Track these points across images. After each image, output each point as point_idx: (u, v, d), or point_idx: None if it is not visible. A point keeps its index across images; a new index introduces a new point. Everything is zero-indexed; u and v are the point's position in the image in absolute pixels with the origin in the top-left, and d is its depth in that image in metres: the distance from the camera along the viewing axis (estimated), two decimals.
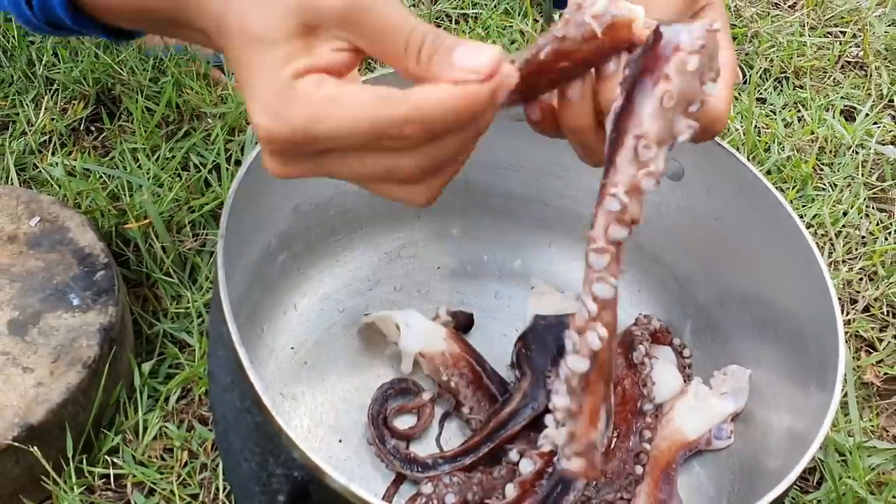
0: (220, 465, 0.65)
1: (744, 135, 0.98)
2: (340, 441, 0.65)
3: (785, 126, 1.02)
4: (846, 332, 0.82)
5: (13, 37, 0.98)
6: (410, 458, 0.63)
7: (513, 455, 0.61)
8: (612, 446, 0.63)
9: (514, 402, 0.64)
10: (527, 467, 0.59)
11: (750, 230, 0.67)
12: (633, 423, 0.64)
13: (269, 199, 0.65)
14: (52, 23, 0.52)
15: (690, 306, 0.73)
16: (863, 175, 0.96)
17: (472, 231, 0.79)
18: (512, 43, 1.08)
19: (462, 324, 0.74)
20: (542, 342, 0.69)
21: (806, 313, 0.62)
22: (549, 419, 0.63)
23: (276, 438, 0.46)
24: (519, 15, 1.12)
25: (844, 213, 0.92)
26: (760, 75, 1.09)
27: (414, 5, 1.14)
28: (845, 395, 0.74)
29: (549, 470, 0.59)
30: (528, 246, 0.79)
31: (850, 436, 0.72)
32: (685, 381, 0.69)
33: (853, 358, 0.79)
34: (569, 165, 0.74)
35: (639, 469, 0.63)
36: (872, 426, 0.75)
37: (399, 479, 0.63)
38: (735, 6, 1.20)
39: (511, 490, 0.58)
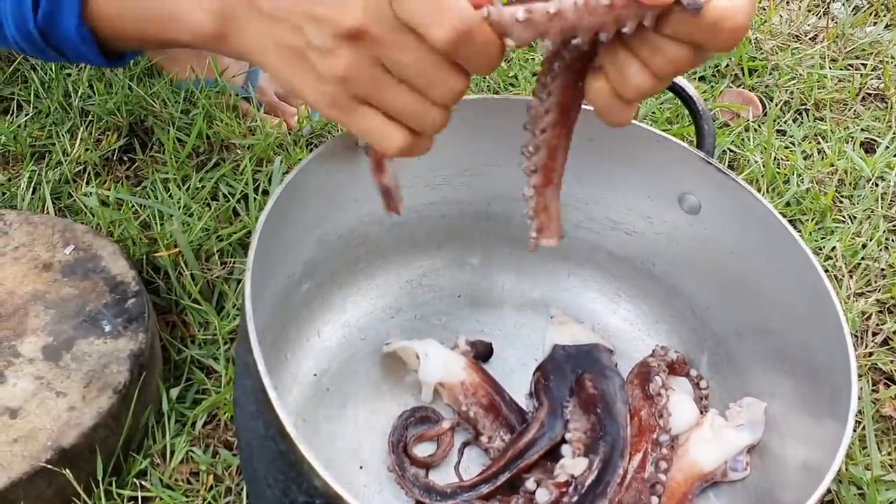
0: (245, 490, 0.66)
1: (763, 166, 0.99)
2: (361, 468, 0.67)
3: (804, 158, 1.03)
4: (864, 365, 0.82)
5: (50, 69, 1.02)
6: (429, 487, 0.64)
7: (530, 484, 0.62)
8: (628, 477, 0.64)
9: (532, 431, 0.65)
10: (543, 497, 0.61)
11: (765, 263, 0.68)
12: (649, 453, 0.65)
13: (295, 229, 0.67)
14: (51, 41, 0.54)
15: (707, 338, 0.74)
16: (882, 208, 0.97)
17: (491, 261, 0.80)
18: (533, 76, 1.10)
19: (481, 353, 0.75)
20: (560, 372, 0.70)
21: (820, 346, 0.62)
22: (565, 449, 0.64)
23: (299, 467, 0.47)
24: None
25: (864, 246, 0.92)
26: (780, 107, 1.10)
27: None
28: (863, 428, 0.74)
29: (565, 500, 0.60)
30: (548, 276, 0.80)
31: (867, 469, 0.72)
32: (701, 413, 0.70)
33: (871, 391, 0.79)
34: (587, 197, 0.76)
35: (654, 500, 0.63)
36: (891, 460, 0.75)
37: None
38: (755, 38, 1.21)
39: None
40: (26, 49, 0.56)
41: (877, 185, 1.00)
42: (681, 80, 0.73)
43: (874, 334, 0.85)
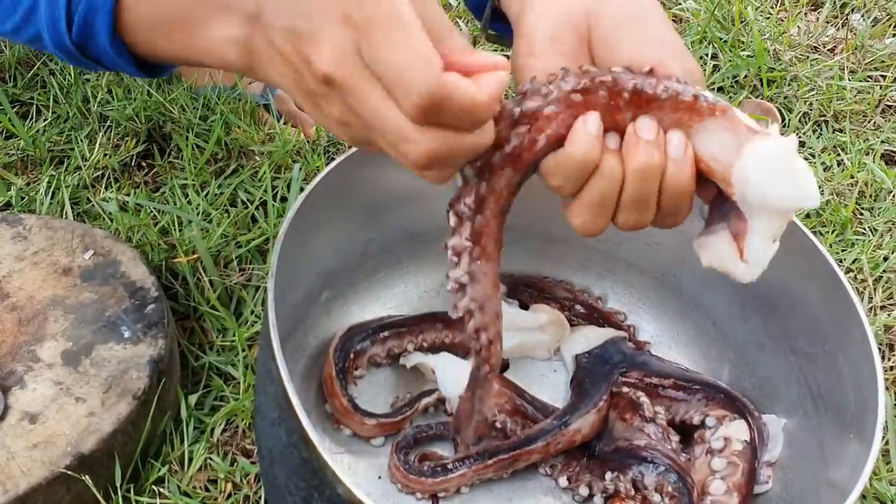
0: (263, 497, 0.66)
1: None
2: (380, 478, 0.66)
3: (824, 170, 1.02)
4: (887, 379, 0.81)
5: (69, 75, 1.02)
6: (428, 466, 0.64)
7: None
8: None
9: (547, 421, 0.66)
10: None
11: (787, 274, 0.67)
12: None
13: (315, 239, 0.66)
14: (88, 54, 0.54)
15: (728, 350, 0.73)
16: None
17: (510, 272, 0.80)
18: None
19: None
20: (594, 374, 0.70)
21: (844, 359, 0.62)
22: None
23: (322, 474, 0.47)
24: None
25: (885, 258, 0.91)
26: (800, 119, 1.10)
27: None
28: (886, 442, 0.73)
29: None
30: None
31: (891, 485, 0.71)
32: None
33: (895, 405, 0.78)
34: None
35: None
36: None
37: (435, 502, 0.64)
38: (774, 50, 1.20)
39: None
40: (68, 61, 0.56)
41: None
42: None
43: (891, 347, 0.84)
